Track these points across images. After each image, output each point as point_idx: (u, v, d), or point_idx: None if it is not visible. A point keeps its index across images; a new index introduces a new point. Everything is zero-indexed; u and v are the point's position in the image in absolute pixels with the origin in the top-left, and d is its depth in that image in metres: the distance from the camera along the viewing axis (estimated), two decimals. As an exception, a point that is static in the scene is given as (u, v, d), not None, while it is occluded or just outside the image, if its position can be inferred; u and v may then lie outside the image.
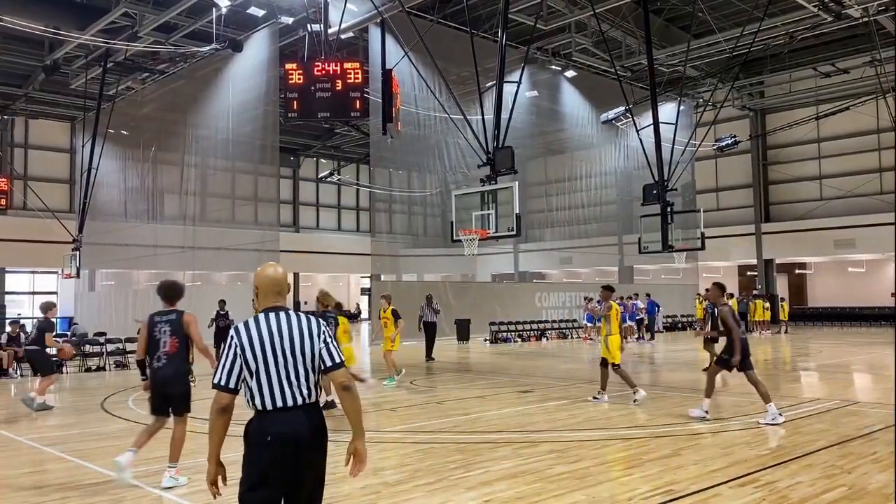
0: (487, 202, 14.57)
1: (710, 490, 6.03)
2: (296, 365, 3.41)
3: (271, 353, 3.39)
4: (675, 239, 19.03)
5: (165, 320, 6.66)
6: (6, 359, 16.53)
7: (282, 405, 3.37)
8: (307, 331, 3.47)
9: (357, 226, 47.09)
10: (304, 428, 3.38)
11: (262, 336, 3.41)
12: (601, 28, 21.81)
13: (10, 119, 33.11)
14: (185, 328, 6.62)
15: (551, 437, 8.43)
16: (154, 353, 6.57)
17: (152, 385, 6.58)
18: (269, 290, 3.55)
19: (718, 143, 29.90)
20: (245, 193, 31.90)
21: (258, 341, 3.40)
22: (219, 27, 21.52)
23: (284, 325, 3.45)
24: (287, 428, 3.34)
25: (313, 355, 3.46)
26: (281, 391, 3.38)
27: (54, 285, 36.48)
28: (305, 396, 3.42)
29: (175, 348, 6.54)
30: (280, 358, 3.40)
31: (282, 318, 3.47)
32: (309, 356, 3.45)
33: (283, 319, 3.46)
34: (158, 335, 6.59)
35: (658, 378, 15.14)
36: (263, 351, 3.39)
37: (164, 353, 6.55)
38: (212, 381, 3.45)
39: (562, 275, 42.11)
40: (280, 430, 3.33)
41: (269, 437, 3.32)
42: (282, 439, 3.32)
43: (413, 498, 5.95)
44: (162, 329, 6.61)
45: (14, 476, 7.21)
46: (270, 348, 3.40)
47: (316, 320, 3.56)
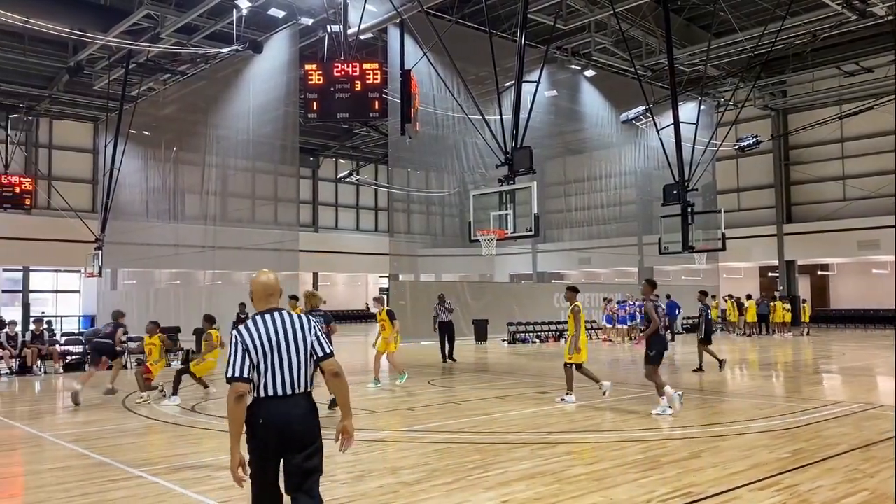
0: (505, 202, 14.55)
1: (730, 493, 5.98)
2: (291, 358, 3.88)
3: (270, 348, 3.85)
4: (695, 240, 18.88)
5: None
6: (31, 356, 16.75)
7: (281, 393, 3.83)
8: (300, 327, 3.95)
9: (375, 226, 47.22)
10: (296, 413, 3.84)
11: (262, 334, 3.87)
12: (621, 27, 21.68)
13: (35, 120, 33.57)
14: None
15: (569, 438, 8.41)
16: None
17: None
18: (263, 294, 4.01)
19: (740, 143, 29.64)
20: (265, 193, 32.14)
21: (259, 339, 3.85)
22: (239, 28, 21.67)
23: (280, 324, 3.92)
24: (280, 413, 3.81)
25: (307, 348, 3.93)
26: (281, 381, 3.84)
27: (77, 284, 36.94)
28: (299, 386, 3.88)
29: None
30: (279, 352, 3.86)
31: (277, 318, 3.94)
32: (303, 349, 3.92)
33: (278, 319, 3.94)
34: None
35: (677, 380, 15.01)
36: (264, 347, 3.84)
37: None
38: (226, 376, 3.81)
39: (581, 275, 41.94)
40: (274, 415, 3.80)
41: (262, 421, 3.79)
42: (276, 423, 3.79)
43: (431, 497, 5.95)
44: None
45: (37, 472, 7.31)
46: (269, 344, 3.85)
47: (307, 318, 4.03)
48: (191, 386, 12.78)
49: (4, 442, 8.86)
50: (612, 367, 17.40)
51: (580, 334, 11.05)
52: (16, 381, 15.71)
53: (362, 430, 9.00)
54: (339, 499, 5.96)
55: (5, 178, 28.20)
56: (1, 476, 7.39)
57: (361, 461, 7.38)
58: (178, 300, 28.76)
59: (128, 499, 6.07)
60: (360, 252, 43.85)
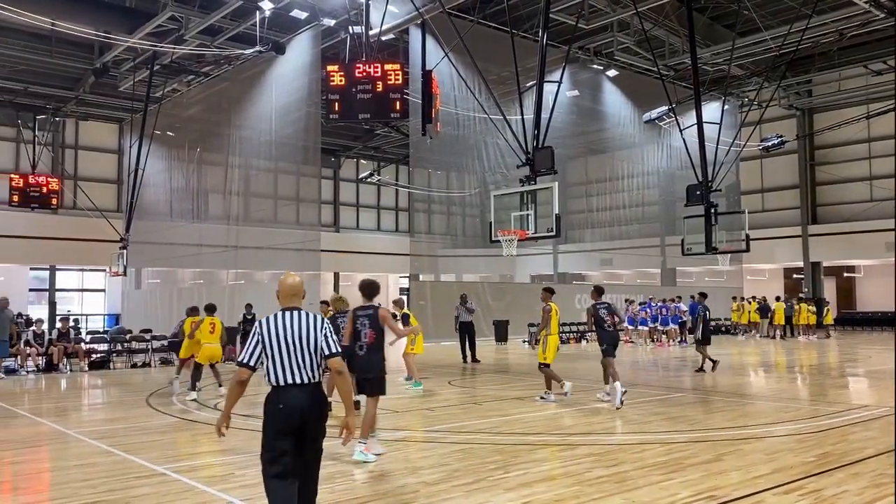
0: (527, 203, 14.51)
1: (754, 497, 5.91)
2: (302, 352, 4.39)
3: (284, 342, 4.38)
4: (718, 241, 18.71)
5: (365, 315, 7.61)
6: (57, 354, 16.98)
7: (291, 382, 4.35)
8: (312, 326, 4.45)
9: (396, 226, 47.30)
10: (306, 400, 4.35)
11: (279, 329, 4.41)
12: (644, 27, 21.55)
13: (62, 121, 34.03)
14: (381, 322, 7.49)
15: (590, 440, 8.36)
16: (356, 343, 7.58)
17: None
18: (288, 294, 4.56)
19: (764, 143, 29.32)
20: (287, 194, 32.31)
21: (275, 333, 4.40)
22: (262, 30, 21.82)
23: (296, 322, 4.44)
24: (294, 400, 4.33)
25: (316, 345, 4.42)
26: (291, 372, 4.36)
27: (102, 283, 37.40)
28: (310, 377, 4.39)
29: (373, 339, 7.51)
30: (291, 346, 4.38)
31: (294, 316, 4.47)
32: (313, 345, 4.41)
33: (295, 317, 4.47)
34: (360, 327, 7.57)
35: (699, 382, 14.90)
36: (279, 340, 4.38)
37: (365, 343, 7.54)
38: (236, 361, 4.47)
39: (602, 276, 41.70)
40: (289, 401, 4.33)
41: (281, 406, 4.32)
42: (290, 408, 4.31)
43: (452, 498, 5.95)
44: (362, 322, 7.58)
45: (63, 468, 7.41)
46: (283, 338, 4.38)
47: (321, 318, 4.51)
48: (212, 384, 12.89)
49: (31, 438, 9.00)
50: (633, 369, 17.28)
51: (552, 334, 11.32)
52: (42, 379, 15.94)
53: (383, 429, 9.03)
54: (360, 498, 5.98)
55: (32, 179, 28.61)
56: (28, 472, 7.51)
57: (382, 461, 7.40)
58: (201, 299, 28.96)
59: (151, 496, 6.13)
60: (381, 252, 43.93)
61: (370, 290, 7.78)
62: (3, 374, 15.69)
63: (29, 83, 28.66)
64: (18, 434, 9.28)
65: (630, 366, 18.08)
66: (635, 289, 33.55)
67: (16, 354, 16.65)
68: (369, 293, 7.76)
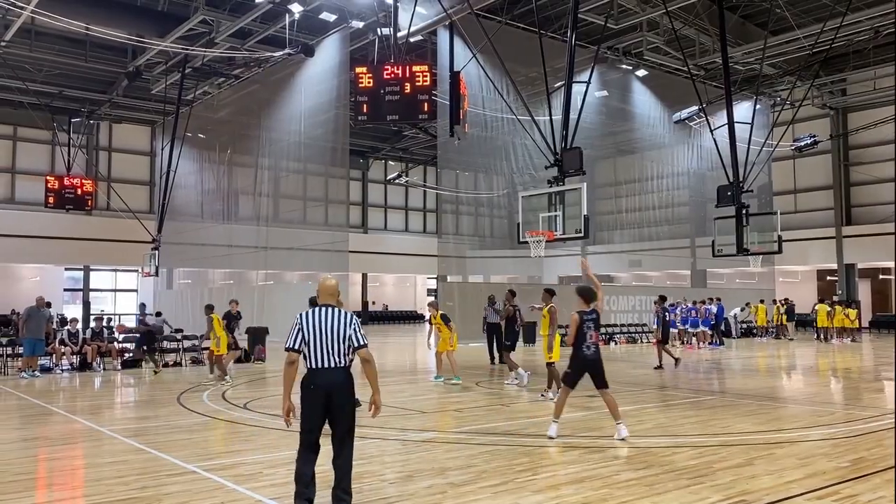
0: (555, 203, 14.47)
1: (786, 501, 5.82)
2: (334, 340, 5.23)
3: (319, 331, 5.24)
4: (750, 242, 18.47)
5: (590, 318, 8.38)
6: (91, 353, 17.27)
7: (324, 366, 5.22)
8: (343, 320, 5.31)
9: (424, 227, 47.41)
10: (335, 381, 5.21)
11: (315, 321, 5.28)
12: (674, 26, 21.35)
13: (96, 124, 34.67)
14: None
15: (619, 442, 8.30)
16: (582, 343, 8.27)
17: (582, 365, 8.31)
18: (325, 293, 5.46)
19: (797, 143, 28.87)
20: (316, 195, 32.54)
21: (311, 324, 5.27)
22: (292, 32, 22.02)
23: (330, 316, 5.30)
24: (325, 380, 5.20)
25: (345, 335, 5.25)
26: (323, 356, 5.22)
27: (135, 283, 38.01)
28: (338, 362, 5.24)
29: (597, 339, 8.37)
30: (324, 335, 5.23)
31: (328, 311, 5.33)
32: (342, 336, 5.25)
33: (329, 312, 5.33)
34: (585, 329, 8.30)
35: (730, 385, 14.72)
36: (314, 330, 5.25)
37: (591, 343, 8.32)
38: (284, 346, 5.26)
39: (631, 278, 41.39)
40: (320, 381, 5.20)
41: (313, 386, 5.21)
42: (321, 387, 5.19)
43: (479, 499, 5.94)
44: (587, 324, 8.33)
45: (97, 465, 7.54)
46: (318, 329, 5.25)
47: (350, 314, 5.39)
48: (242, 383, 13.02)
49: (66, 436, 9.16)
50: (663, 371, 17.11)
51: (555, 335, 11.87)
52: (76, 377, 16.21)
53: (410, 430, 9.04)
54: (388, 498, 6.00)
55: (67, 181, 29.17)
56: (63, 468, 7.65)
57: (410, 461, 7.42)
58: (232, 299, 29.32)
59: (183, 493, 6.20)
60: (409, 253, 44.08)
61: (589, 295, 8.41)
62: (39, 373, 15.99)
63: (64, 87, 29.24)
64: (54, 431, 9.46)
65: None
66: (664, 291, 33.16)
67: (51, 353, 16.96)
68: (588, 297, 8.40)
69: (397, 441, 8.53)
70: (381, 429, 9.32)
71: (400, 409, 11.09)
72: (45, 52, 25.53)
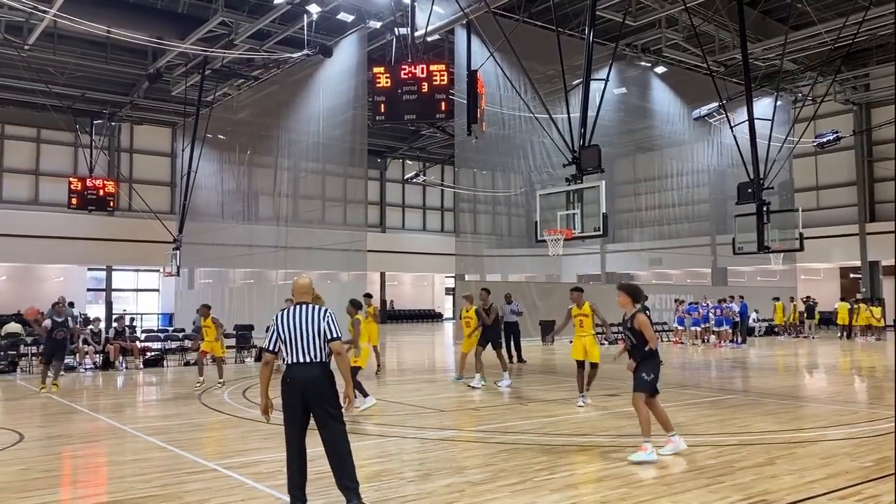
0: (573, 202, 14.39)
1: (808, 501, 5.77)
2: (308, 336, 5.37)
3: (293, 329, 5.39)
4: (771, 239, 18.26)
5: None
6: (113, 352, 17.47)
7: (299, 361, 5.37)
8: (316, 315, 5.44)
9: (442, 226, 47.44)
10: (309, 375, 5.34)
11: (288, 319, 5.44)
12: (693, 22, 21.19)
13: (117, 125, 35.06)
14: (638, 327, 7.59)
15: (638, 441, 8.25)
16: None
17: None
18: (299, 291, 5.61)
19: (819, 140, 28.55)
20: (335, 195, 32.69)
21: (285, 322, 5.43)
22: (310, 33, 22.13)
23: (304, 313, 5.45)
24: (299, 375, 5.34)
25: (320, 329, 5.39)
26: (298, 352, 5.37)
27: (156, 283, 38.39)
28: (314, 357, 5.37)
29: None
30: (298, 332, 5.38)
31: (302, 309, 5.48)
32: (317, 330, 5.39)
33: (303, 309, 5.48)
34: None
35: (751, 384, 14.59)
36: (288, 328, 5.41)
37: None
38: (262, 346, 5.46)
39: (651, 276, 41.14)
40: (295, 376, 5.35)
41: (289, 380, 5.35)
42: (296, 381, 5.33)
43: (497, 498, 5.95)
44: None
45: (119, 462, 7.63)
46: (292, 326, 5.39)
47: (325, 309, 5.52)
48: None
49: (89, 434, 9.28)
50: (683, 371, 17.01)
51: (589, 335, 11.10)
52: (99, 376, 16.41)
53: (429, 428, 9.06)
54: (406, 496, 6.02)
55: (90, 182, 29.51)
56: (87, 466, 7.76)
57: (428, 459, 7.44)
58: (252, 299, 29.57)
59: (203, 491, 6.27)
60: (427, 252, 44.12)
61: (636, 295, 7.75)
62: (63, 372, 16.20)
63: (86, 89, 29.58)
64: (77, 429, 9.59)
65: (680, 367, 17.80)
66: (684, 289, 32.99)
67: (75, 352, 17.18)
68: (637, 297, 7.75)
69: (416, 439, 8.55)
70: (400, 427, 9.35)
71: (418, 407, 11.13)
72: (68, 55, 25.85)
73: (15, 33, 23.21)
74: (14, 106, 31.40)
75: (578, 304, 11.05)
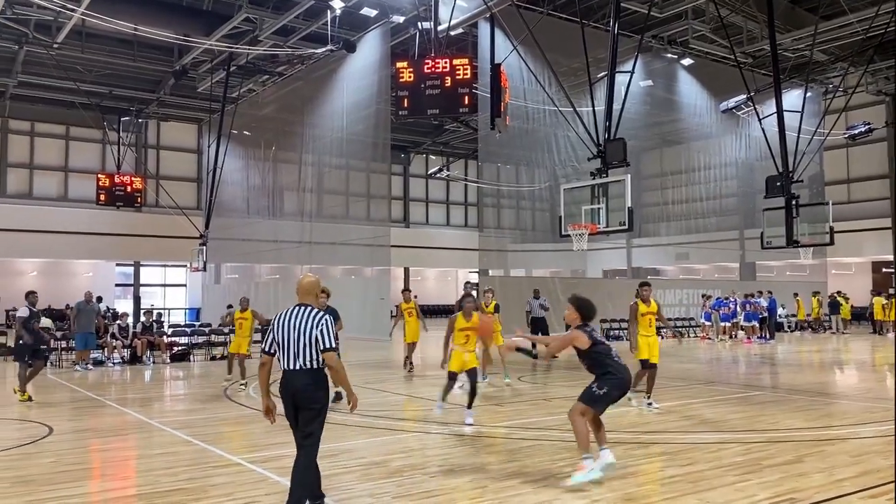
0: (598, 196, 14.27)
1: (838, 500, 5.66)
2: (300, 341, 5.05)
3: (287, 333, 5.09)
4: (800, 234, 17.96)
5: None
6: (140, 346, 17.69)
7: (290, 367, 5.09)
8: (311, 321, 5.08)
9: (465, 221, 47.38)
10: (298, 384, 5.05)
11: (284, 322, 5.13)
12: (720, 13, 20.86)
13: (145, 122, 35.45)
14: None
15: (663, 438, 8.17)
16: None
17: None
18: (302, 291, 5.27)
19: (850, 132, 28.02)
20: (358, 190, 32.75)
21: (281, 325, 5.14)
22: (333, 29, 22.16)
23: (300, 316, 5.11)
24: (289, 382, 5.08)
25: (313, 337, 5.04)
26: (290, 359, 5.08)
27: (183, 278, 38.80)
28: (304, 364, 5.06)
29: None
30: (291, 337, 5.08)
31: (300, 312, 5.14)
32: (309, 337, 5.04)
33: (300, 312, 5.13)
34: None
35: (779, 380, 14.38)
36: (282, 332, 5.12)
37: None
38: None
39: (678, 271, 40.73)
40: (286, 383, 5.10)
41: (282, 387, 5.12)
42: (287, 389, 5.09)
43: (520, 494, 5.91)
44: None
45: (147, 456, 7.72)
46: (287, 330, 5.09)
47: (321, 314, 5.13)
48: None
49: (118, 427, 9.39)
50: (710, 367, 16.82)
51: (652, 335, 10.46)
52: (127, 370, 16.63)
53: (452, 423, 9.04)
54: (430, 491, 6.01)
55: (118, 178, 29.89)
56: (115, 459, 7.85)
57: (452, 455, 7.42)
58: (277, 293, 29.76)
59: (229, 484, 6.31)
60: (450, 247, 44.08)
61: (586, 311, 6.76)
62: (92, 366, 16.44)
63: (113, 87, 29.91)
64: (106, 423, 9.71)
65: (707, 363, 17.61)
66: (712, 284, 32.62)
67: (103, 347, 17.42)
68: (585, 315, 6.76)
69: (439, 435, 8.54)
70: (423, 422, 9.34)
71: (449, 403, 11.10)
72: (96, 53, 26.14)
73: (44, 32, 23.53)
74: (43, 104, 31.85)
75: (647, 301, 10.40)
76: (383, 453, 7.45)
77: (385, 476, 6.47)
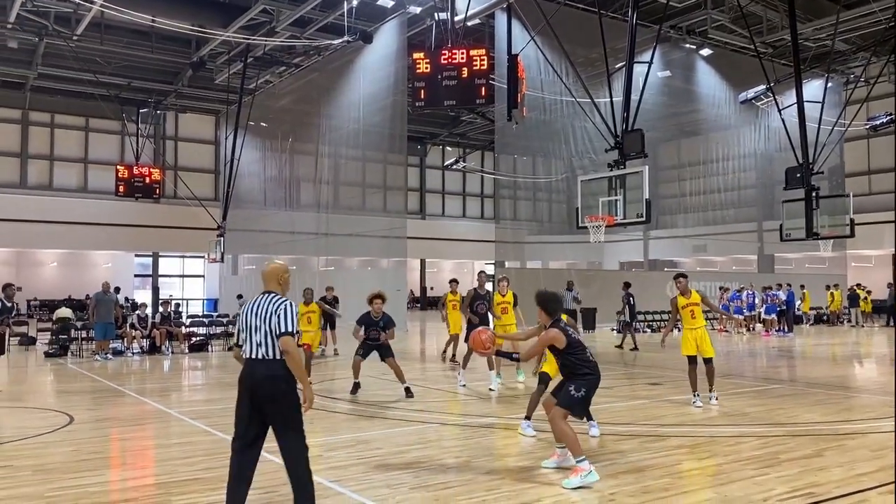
0: (615, 187, 14.16)
1: (857, 495, 5.60)
2: (261, 330, 4.81)
3: (249, 321, 4.87)
4: (820, 226, 17.75)
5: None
6: (159, 337, 17.83)
7: (251, 356, 4.84)
8: (272, 307, 4.82)
9: (482, 212, 47.32)
10: (256, 373, 4.78)
11: (248, 310, 4.92)
12: (740, 3, 20.62)
13: (163, 114, 35.69)
14: None
15: (681, 431, 8.13)
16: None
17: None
18: (267, 278, 5.06)
19: (871, 122, 27.62)
20: (374, 181, 32.82)
21: (245, 314, 4.93)
22: (350, 20, 22.15)
23: (263, 305, 4.87)
24: (247, 372, 4.83)
25: (272, 324, 4.77)
26: (251, 347, 4.84)
27: (201, 269, 39.09)
28: (265, 353, 4.79)
29: None
30: (253, 325, 4.85)
31: (263, 299, 4.91)
32: (268, 324, 4.78)
33: (264, 300, 4.90)
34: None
35: (798, 373, 14.26)
36: (246, 320, 4.91)
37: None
38: None
39: (695, 263, 40.47)
40: (244, 373, 4.86)
41: (240, 377, 4.88)
42: (245, 378, 4.84)
43: (536, 486, 5.91)
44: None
45: (165, 445, 7.79)
46: (249, 318, 4.87)
47: (282, 300, 4.88)
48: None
49: (136, 417, 9.48)
50: (728, 359, 16.71)
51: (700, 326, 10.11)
52: (146, 360, 16.78)
53: (469, 415, 9.05)
54: (447, 483, 6.02)
55: (136, 170, 30.11)
56: (134, 448, 7.93)
57: (468, 447, 7.42)
58: (294, 285, 29.76)
59: (245, 474, 6.34)
60: (467, 239, 44.06)
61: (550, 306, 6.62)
62: (111, 356, 16.60)
63: (132, 78, 30.13)
64: (125, 412, 9.81)
65: (725, 355, 17.49)
66: (730, 276, 32.38)
67: (122, 337, 17.58)
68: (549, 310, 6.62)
69: (456, 426, 8.55)
70: (440, 413, 9.35)
71: (459, 393, 11.12)
72: (114, 45, 26.31)
73: (63, 24, 23.72)
74: (63, 96, 32.14)
75: (685, 293, 10.09)
76: (399, 444, 7.47)
77: (402, 467, 6.48)
